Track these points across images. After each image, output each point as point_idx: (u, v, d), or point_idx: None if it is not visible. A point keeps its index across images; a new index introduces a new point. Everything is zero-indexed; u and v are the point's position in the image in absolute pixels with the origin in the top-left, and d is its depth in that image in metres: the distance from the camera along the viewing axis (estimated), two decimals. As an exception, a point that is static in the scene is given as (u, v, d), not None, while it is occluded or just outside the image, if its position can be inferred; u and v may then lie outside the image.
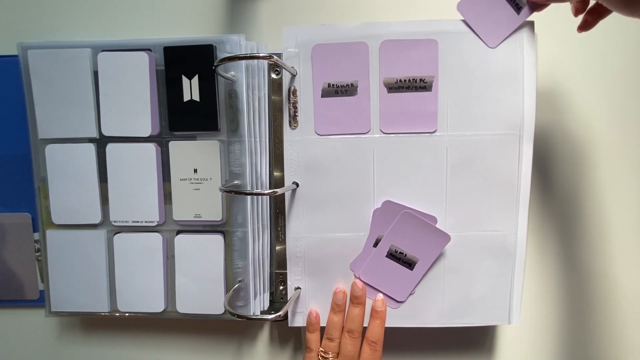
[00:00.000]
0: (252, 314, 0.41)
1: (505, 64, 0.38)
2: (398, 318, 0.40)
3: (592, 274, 0.44)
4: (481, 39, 0.38)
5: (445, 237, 0.39)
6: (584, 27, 0.37)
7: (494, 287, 0.40)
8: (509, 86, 0.38)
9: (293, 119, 0.40)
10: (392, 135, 0.39)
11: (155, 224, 0.42)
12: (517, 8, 0.37)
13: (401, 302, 0.40)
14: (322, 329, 0.41)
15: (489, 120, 0.38)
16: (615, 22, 0.35)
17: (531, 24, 0.38)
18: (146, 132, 0.41)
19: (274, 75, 0.40)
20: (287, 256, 0.41)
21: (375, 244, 0.40)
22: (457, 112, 0.39)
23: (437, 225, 0.39)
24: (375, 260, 0.40)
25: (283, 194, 0.40)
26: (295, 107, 0.40)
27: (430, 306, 0.40)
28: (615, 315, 0.44)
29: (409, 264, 0.40)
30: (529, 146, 0.38)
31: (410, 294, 0.40)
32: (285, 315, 0.40)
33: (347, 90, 0.39)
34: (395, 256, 0.40)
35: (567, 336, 0.45)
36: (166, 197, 0.42)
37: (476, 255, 0.40)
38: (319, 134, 0.39)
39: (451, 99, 0.38)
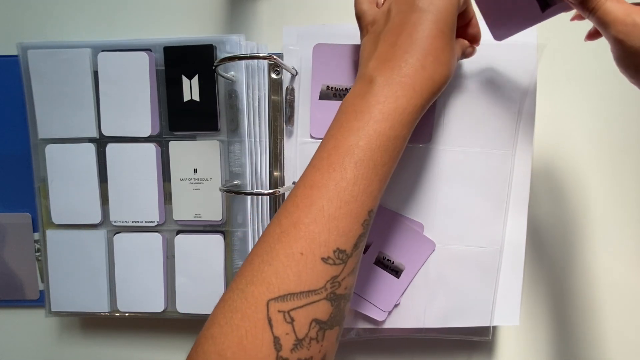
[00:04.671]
0: (252, 314, 0.41)
1: (504, 78, 0.38)
2: (382, 329, 0.40)
3: (592, 274, 0.44)
4: (488, 28, 0.34)
5: (430, 244, 0.39)
6: (592, 36, 0.34)
7: (476, 299, 0.39)
8: (507, 102, 0.38)
9: (289, 119, 0.39)
10: None
11: (155, 224, 0.42)
12: (544, 4, 0.31)
13: (386, 312, 0.39)
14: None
15: (484, 135, 0.38)
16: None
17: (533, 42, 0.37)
18: (146, 132, 0.41)
19: (274, 75, 0.40)
20: (287, 256, 0.41)
21: (365, 251, 0.39)
22: (453, 125, 0.38)
23: (424, 233, 0.39)
24: (363, 267, 0.39)
25: (283, 194, 0.40)
26: (291, 107, 0.39)
27: (414, 318, 0.39)
28: (615, 315, 0.44)
29: (396, 271, 0.39)
30: (526, 161, 0.38)
31: (395, 305, 0.39)
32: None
33: (345, 94, 0.39)
34: (383, 263, 0.39)
35: (567, 337, 0.45)
36: (166, 197, 0.42)
37: (461, 268, 0.39)
38: (313, 137, 0.39)
39: (449, 110, 0.38)
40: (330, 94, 0.39)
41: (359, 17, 0.32)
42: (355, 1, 0.33)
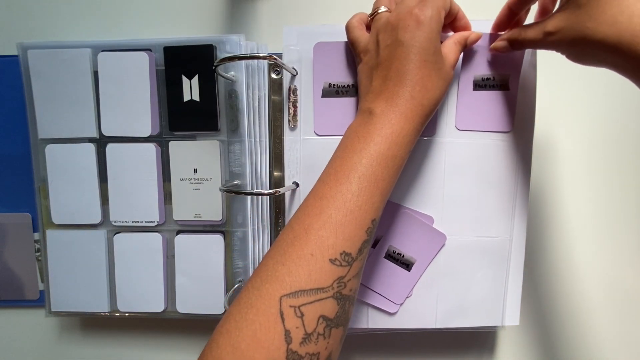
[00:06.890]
0: (252, 314, 0.41)
1: (503, 66, 0.38)
2: (395, 321, 0.40)
3: (592, 274, 0.44)
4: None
5: (441, 237, 0.39)
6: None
7: (489, 289, 0.40)
8: (507, 91, 0.38)
9: (292, 118, 0.40)
10: None
11: (155, 224, 0.42)
12: None
13: (399, 304, 0.40)
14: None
15: (487, 126, 0.38)
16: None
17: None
18: (146, 132, 0.41)
19: (274, 75, 0.40)
20: (287, 256, 0.41)
21: (374, 245, 0.40)
22: (455, 117, 0.38)
23: (433, 226, 0.39)
24: (373, 261, 0.40)
25: (283, 194, 0.40)
26: (295, 107, 0.39)
27: (427, 309, 0.40)
28: (614, 315, 0.44)
29: (407, 265, 0.39)
30: (528, 152, 0.38)
31: (407, 297, 0.40)
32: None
33: (347, 91, 0.39)
34: (393, 257, 0.39)
35: (567, 337, 0.45)
36: (166, 197, 0.42)
37: (472, 258, 0.39)
38: (318, 135, 0.39)
39: (450, 102, 0.38)
40: (332, 91, 0.39)
41: (352, 44, 0.36)
42: (347, 30, 0.36)
